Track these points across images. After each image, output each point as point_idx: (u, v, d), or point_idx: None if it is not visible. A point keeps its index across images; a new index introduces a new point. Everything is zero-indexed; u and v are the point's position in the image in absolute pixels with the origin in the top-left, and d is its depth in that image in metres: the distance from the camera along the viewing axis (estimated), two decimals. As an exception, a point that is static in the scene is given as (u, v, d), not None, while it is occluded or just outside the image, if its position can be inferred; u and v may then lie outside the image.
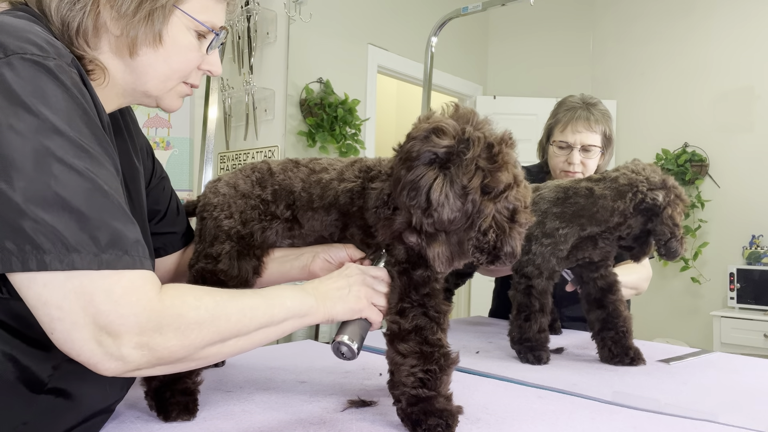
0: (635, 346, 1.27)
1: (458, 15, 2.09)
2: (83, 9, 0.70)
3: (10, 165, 0.54)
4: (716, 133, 3.84)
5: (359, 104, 3.36)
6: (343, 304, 0.80)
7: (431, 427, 0.76)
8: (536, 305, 1.27)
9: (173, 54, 0.76)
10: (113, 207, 0.59)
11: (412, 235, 0.76)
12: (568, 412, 0.91)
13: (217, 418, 0.83)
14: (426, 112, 1.99)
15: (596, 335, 1.31)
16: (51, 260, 0.54)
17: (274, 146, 3.04)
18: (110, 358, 0.57)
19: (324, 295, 0.79)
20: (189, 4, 0.75)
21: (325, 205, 0.91)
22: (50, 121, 0.57)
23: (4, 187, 0.54)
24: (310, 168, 0.95)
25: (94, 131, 0.61)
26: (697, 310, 3.79)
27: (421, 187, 0.71)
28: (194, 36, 0.77)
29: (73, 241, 0.55)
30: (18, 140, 0.55)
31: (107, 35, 0.72)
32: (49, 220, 0.54)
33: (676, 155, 3.88)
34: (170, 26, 0.74)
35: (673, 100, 4.01)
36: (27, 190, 0.54)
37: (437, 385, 0.79)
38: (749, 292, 3.46)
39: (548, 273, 1.27)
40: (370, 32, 3.62)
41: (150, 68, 0.75)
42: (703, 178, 3.85)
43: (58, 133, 0.57)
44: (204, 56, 0.80)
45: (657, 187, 1.18)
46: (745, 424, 0.87)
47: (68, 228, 0.55)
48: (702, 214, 3.82)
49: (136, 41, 0.73)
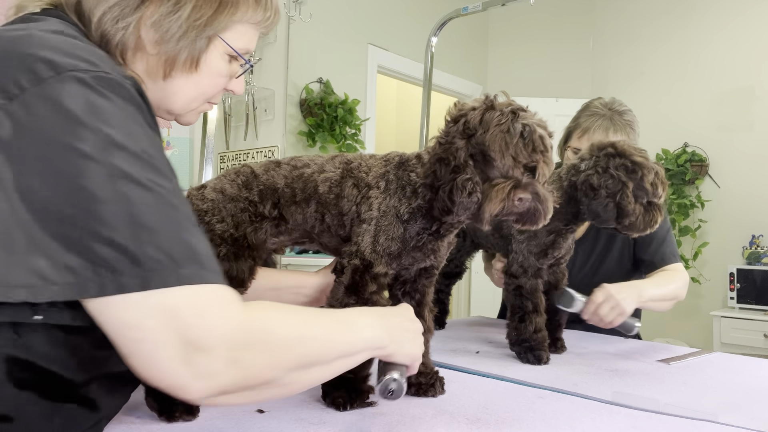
0: (563, 338, 1.40)
1: (458, 15, 2.09)
2: (126, 27, 0.69)
3: (75, 186, 0.52)
4: (716, 133, 3.85)
5: (359, 104, 3.36)
6: (409, 347, 0.78)
7: (334, 398, 0.87)
8: (529, 305, 1.28)
9: (205, 78, 0.76)
10: (183, 220, 0.56)
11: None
12: (568, 412, 0.91)
13: (217, 418, 0.83)
14: (425, 111, 1.96)
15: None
16: (128, 282, 0.51)
17: (274, 146, 3.04)
18: (198, 377, 0.53)
19: (394, 330, 0.76)
20: (229, 33, 0.75)
21: (305, 197, 0.95)
22: (112, 138, 0.54)
23: (71, 211, 0.52)
24: (291, 165, 0.98)
25: (153, 143, 0.59)
26: (697, 310, 3.80)
27: None
28: (227, 61, 0.78)
29: (149, 260, 0.52)
30: (81, 160, 0.53)
31: (144, 55, 0.71)
32: (122, 241, 0.52)
33: (676, 155, 3.89)
34: (208, 53, 0.74)
35: (673, 100, 4.01)
36: (96, 211, 0.52)
37: (358, 370, 0.85)
38: (749, 292, 3.47)
39: (533, 271, 1.29)
40: (370, 32, 3.63)
41: (180, 90, 0.75)
42: (703, 178, 3.86)
43: (121, 149, 0.55)
44: (231, 78, 0.80)
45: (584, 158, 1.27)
46: (745, 424, 0.87)
47: (142, 246, 0.52)
48: (702, 214, 3.82)
49: (174, 65, 0.72)
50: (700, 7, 3.97)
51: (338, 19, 3.42)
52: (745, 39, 3.78)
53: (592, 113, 1.61)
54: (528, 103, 0.89)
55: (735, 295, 3.50)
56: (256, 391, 0.59)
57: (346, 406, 0.87)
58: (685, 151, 3.88)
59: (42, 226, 0.52)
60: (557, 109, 4.03)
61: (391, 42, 3.72)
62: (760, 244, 3.62)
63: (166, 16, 0.69)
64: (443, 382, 0.98)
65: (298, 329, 0.61)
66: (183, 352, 0.52)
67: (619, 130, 1.56)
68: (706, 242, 3.78)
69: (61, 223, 0.52)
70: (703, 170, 3.83)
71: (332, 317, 0.69)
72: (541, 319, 1.28)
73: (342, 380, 0.88)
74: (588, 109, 1.63)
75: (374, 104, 3.65)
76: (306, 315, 0.65)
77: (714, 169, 3.83)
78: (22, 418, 0.59)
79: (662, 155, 3.91)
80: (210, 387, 0.54)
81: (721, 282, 3.67)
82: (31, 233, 0.52)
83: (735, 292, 3.50)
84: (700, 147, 3.86)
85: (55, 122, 0.53)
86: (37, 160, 0.52)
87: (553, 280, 1.38)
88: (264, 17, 0.79)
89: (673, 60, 4.05)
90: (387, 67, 3.74)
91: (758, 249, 3.59)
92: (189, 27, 0.71)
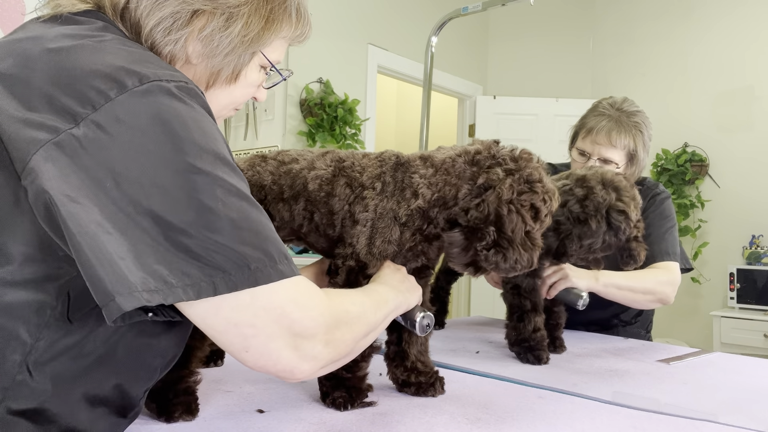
0: (562, 338, 1.39)
1: (458, 15, 2.09)
2: (177, 41, 0.69)
3: (175, 194, 0.54)
4: (716, 133, 3.85)
5: (359, 104, 3.36)
6: (414, 294, 0.91)
7: (335, 398, 0.88)
8: (527, 305, 1.27)
9: (240, 88, 0.77)
10: (266, 220, 0.61)
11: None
12: (568, 412, 0.91)
13: (217, 418, 0.83)
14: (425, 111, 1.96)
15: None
16: (239, 281, 0.56)
17: (274, 146, 3.04)
18: (305, 360, 0.61)
19: (402, 292, 0.87)
20: (269, 48, 0.77)
21: (294, 195, 0.93)
22: (211, 149, 0.58)
23: (177, 221, 0.54)
24: (278, 160, 0.96)
25: (228, 148, 0.62)
26: (697, 310, 3.80)
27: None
28: (259, 71, 0.78)
29: (252, 259, 0.57)
30: (172, 171, 0.55)
31: (190, 67, 0.72)
32: (228, 243, 0.55)
33: (676, 155, 3.89)
34: (249, 66, 0.75)
35: (673, 100, 4.01)
36: (211, 222, 0.55)
37: (355, 370, 0.89)
38: (749, 292, 3.47)
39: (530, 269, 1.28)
40: (370, 32, 3.63)
41: (215, 99, 0.76)
42: (703, 178, 3.86)
43: (220, 160, 0.58)
44: (259, 87, 0.81)
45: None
46: (745, 424, 0.87)
47: (245, 247, 0.56)
48: (702, 214, 3.82)
49: (218, 78, 0.73)
50: (700, 7, 3.97)
51: (338, 19, 3.42)
52: (745, 39, 3.78)
53: (598, 113, 1.56)
54: (528, 103, 0.89)
55: (735, 295, 3.50)
56: (341, 361, 0.69)
57: (346, 406, 0.87)
58: (685, 151, 3.88)
59: (162, 236, 0.54)
60: (557, 109, 4.04)
61: (391, 42, 3.72)
62: (760, 244, 3.62)
63: (217, 31, 0.70)
64: (443, 382, 0.98)
65: (362, 305, 0.73)
66: (292, 342, 0.59)
67: (624, 132, 1.51)
68: (706, 242, 3.78)
69: (179, 232, 0.54)
70: (703, 170, 3.83)
71: (370, 295, 0.79)
72: (540, 318, 1.28)
73: (342, 380, 0.88)
74: (595, 109, 1.59)
75: (374, 104, 3.65)
76: (359, 295, 0.77)
77: (714, 169, 3.83)
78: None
79: (662, 155, 3.91)
80: (314, 367, 0.62)
81: (721, 282, 3.67)
82: (152, 242, 0.54)
83: (735, 292, 3.49)
84: (700, 147, 3.85)
85: (154, 133, 0.55)
86: (143, 173, 0.54)
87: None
88: (301, 32, 0.80)
89: (673, 60, 4.05)
90: (387, 67, 3.74)
91: (758, 249, 3.59)
92: (238, 43, 0.71)
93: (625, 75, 4.25)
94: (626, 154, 1.53)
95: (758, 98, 3.71)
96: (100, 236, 0.52)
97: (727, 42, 3.84)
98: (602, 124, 1.53)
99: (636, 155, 1.54)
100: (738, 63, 3.79)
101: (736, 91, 3.79)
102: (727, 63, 3.82)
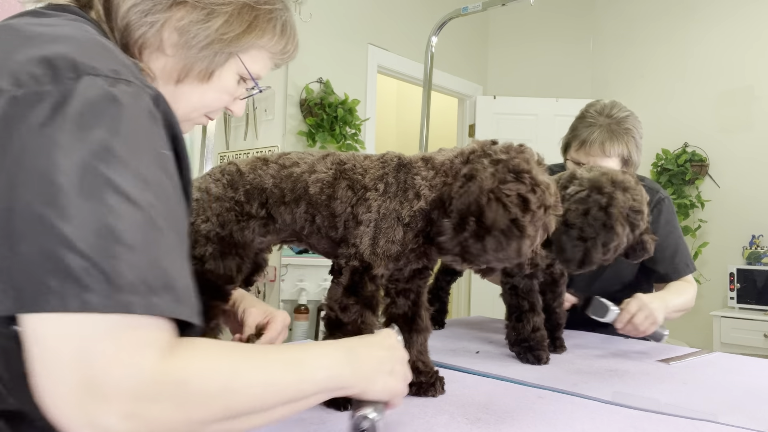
0: (562, 338, 1.40)
1: (458, 15, 2.09)
2: (153, 24, 0.68)
3: (59, 192, 0.48)
4: (716, 133, 3.84)
5: (359, 104, 3.36)
6: (384, 382, 0.70)
7: (335, 398, 0.81)
8: (525, 305, 1.28)
9: (212, 91, 0.76)
10: (167, 245, 0.52)
11: None
12: (568, 412, 0.91)
13: (217, 418, 0.83)
14: (425, 111, 1.97)
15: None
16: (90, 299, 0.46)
17: (274, 146, 3.04)
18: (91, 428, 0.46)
19: (362, 365, 0.68)
20: (248, 55, 0.76)
21: (295, 198, 0.94)
22: (110, 147, 0.51)
23: (50, 215, 0.47)
24: (279, 164, 0.97)
25: (159, 159, 0.55)
26: (697, 310, 3.77)
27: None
28: (237, 81, 0.78)
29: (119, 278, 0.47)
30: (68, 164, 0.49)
31: (161, 55, 0.71)
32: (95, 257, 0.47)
33: (676, 155, 3.88)
34: (224, 68, 0.75)
35: (673, 100, 4.01)
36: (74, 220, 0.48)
37: None
38: (749, 292, 3.47)
39: (528, 271, 1.28)
40: (370, 32, 3.63)
41: (184, 97, 0.75)
42: (703, 178, 3.86)
43: (118, 160, 0.51)
44: (235, 99, 0.80)
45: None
46: (745, 424, 0.87)
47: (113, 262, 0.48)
48: (702, 214, 3.82)
49: (190, 73, 0.72)
50: (700, 8, 3.97)
51: (338, 19, 3.42)
52: (745, 39, 3.78)
53: (589, 124, 1.54)
54: (528, 103, 0.89)
55: (735, 295, 3.50)
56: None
57: (347, 406, 0.87)
58: (685, 151, 3.88)
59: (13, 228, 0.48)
60: (557, 109, 4.04)
61: (391, 42, 3.72)
62: (760, 244, 3.62)
63: (195, 23, 0.69)
64: (443, 382, 0.98)
65: (226, 378, 0.52)
66: (81, 396, 0.46)
67: (617, 141, 1.50)
68: (706, 242, 3.78)
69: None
70: (703, 170, 3.83)
71: (283, 357, 0.60)
72: (539, 318, 1.28)
73: None
74: (585, 120, 1.57)
75: (374, 104, 3.65)
76: (245, 359, 0.56)
77: (714, 169, 3.83)
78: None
79: (662, 155, 3.91)
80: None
81: (721, 282, 3.67)
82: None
83: (735, 292, 3.49)
84: (700, 147, 3.86)
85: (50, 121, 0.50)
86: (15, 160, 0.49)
87: (549, 281, 1.38)
88: (284, 48, 0.80)
89: (673, 60, 4.05)
90: (387, 67, 3.74)
91: (758, 249, 3.59)
92: (215, 39, 0.71)
93: (625, 75, 4.25)
94: (621, 160, 1.54)
95: (758, 98, 3.71)
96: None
97: (727, 42, 3.84)
98: (594, 136, 1.51)
99: (630, 159, 1.55)
100: (738, 63, 3.79)
101: (736, 91, 3.79)
102: (727, 63, 3.82)
